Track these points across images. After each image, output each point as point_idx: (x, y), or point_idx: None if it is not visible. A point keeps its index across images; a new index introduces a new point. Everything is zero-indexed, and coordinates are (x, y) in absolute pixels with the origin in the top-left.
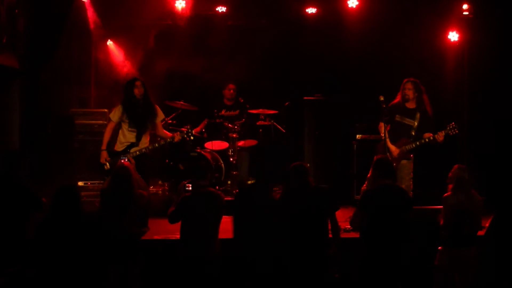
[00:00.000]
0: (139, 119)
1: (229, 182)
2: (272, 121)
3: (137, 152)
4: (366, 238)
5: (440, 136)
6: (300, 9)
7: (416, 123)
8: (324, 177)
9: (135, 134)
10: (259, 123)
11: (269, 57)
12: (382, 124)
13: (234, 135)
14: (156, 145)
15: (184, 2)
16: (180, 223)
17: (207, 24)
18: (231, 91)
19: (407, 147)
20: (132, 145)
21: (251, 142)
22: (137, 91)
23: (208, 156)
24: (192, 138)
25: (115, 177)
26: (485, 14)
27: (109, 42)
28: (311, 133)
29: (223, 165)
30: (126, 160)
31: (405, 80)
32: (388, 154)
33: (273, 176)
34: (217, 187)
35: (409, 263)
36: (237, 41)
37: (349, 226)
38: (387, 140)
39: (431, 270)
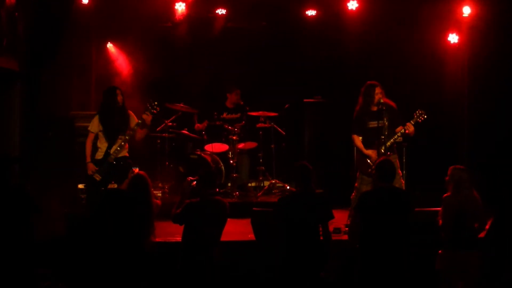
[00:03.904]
0: (116, 128)
1: (229, 184)
2: (272, 123)
3: (118, 148)
4: (361, 243)
5: (410, 126)
6: (300, 11)
7: (386, 122)
8: (324, 179)
9: (111, 138)
10: (259, 125)
11: (269, 59)
12: (355, 136)
13: (234, 138)
14: (131, 132)
15: (184, 4)
16: (182, 226)
17: (207, 27)
18: (238, 96)
19: (384, 146)
20: (109, 146)
21: (251, 145)
22: (120, 99)
23: (208, 158)
24: (158, 109)
25: (133, 187)
26: (485, 16)
27: (109, 45)
28: (312, 135)
29: (223, 167)
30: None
31: (369, 83)
32: (368, 161)
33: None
34: (217, 189)
35: (410, 268)
36: (237, 43)
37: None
38: (363, 149)
39: (433, 275)
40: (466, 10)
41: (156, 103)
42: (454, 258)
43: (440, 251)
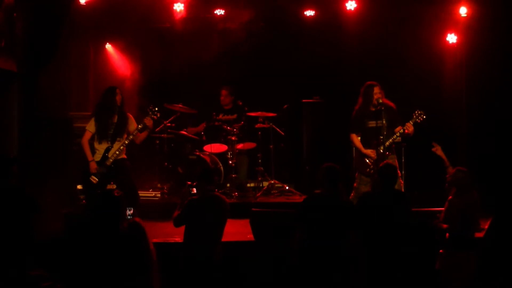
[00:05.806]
0: (112, 128)
1: (228, 184)
2: (271, 123)
3: (116, 152)
4: (363, 242)
5: (409, 126)
6: (299, 12)
7: (385, 122)
8: None
9: (109, 139)
10: (258, 126)
11: (268, 59)
12: (354, 135)
13: (233, 138)
14: (131, 137)
15: (183, 5)
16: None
17: (205, 27)
18: (222, 96)
19: (383, 146)
20: (108, 149)
21: (250, 145)
22: (119, 98)
23: (207, 159)
24: (158, 114)
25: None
26: (483, 16)
27: (108, 45)
28: (310, 135)
29: (222, 168)
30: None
31: (368, 83)
32: (367, 160)
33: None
34: (216, 190)
35: (409, 268)
36: (236, 43)
37: None
38: (362, 149)
39: (431, 275)
40: (464, 11)
41: (156, 108)
42: (455, 258)
43: (441, 251)
